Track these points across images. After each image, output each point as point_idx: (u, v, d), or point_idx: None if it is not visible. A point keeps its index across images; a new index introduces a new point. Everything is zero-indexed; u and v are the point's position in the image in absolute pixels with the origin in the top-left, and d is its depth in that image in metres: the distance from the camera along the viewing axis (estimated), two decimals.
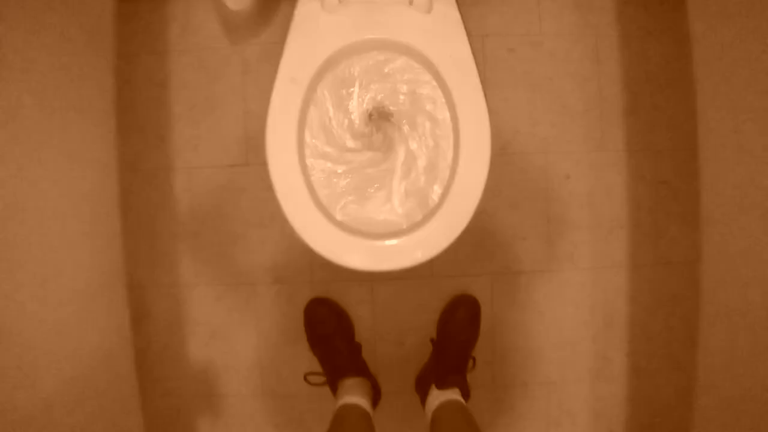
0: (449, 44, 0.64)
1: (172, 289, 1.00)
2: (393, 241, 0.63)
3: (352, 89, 0.70)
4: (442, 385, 0.85)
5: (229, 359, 1.01)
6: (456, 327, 0.94)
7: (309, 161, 0.68)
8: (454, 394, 0.83)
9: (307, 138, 0.69)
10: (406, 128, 0.71)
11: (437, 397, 0.84)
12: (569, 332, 1.02)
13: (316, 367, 0.96)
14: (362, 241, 0.63)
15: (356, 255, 0.62)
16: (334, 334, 0.92)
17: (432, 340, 0.95)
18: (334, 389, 0.90)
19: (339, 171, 0.70)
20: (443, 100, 0.66)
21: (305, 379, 0.92)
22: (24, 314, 0.52)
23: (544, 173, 1.01)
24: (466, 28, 0.64)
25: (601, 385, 1.04)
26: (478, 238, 1.01)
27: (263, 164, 0.96)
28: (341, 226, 0.63)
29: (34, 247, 0.54)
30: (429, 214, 0.64)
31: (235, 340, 1.01)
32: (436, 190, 0.69)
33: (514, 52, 1.00)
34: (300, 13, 0.65)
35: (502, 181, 1.01)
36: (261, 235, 1.00)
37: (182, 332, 1.01)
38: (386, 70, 0.70)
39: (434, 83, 0.67)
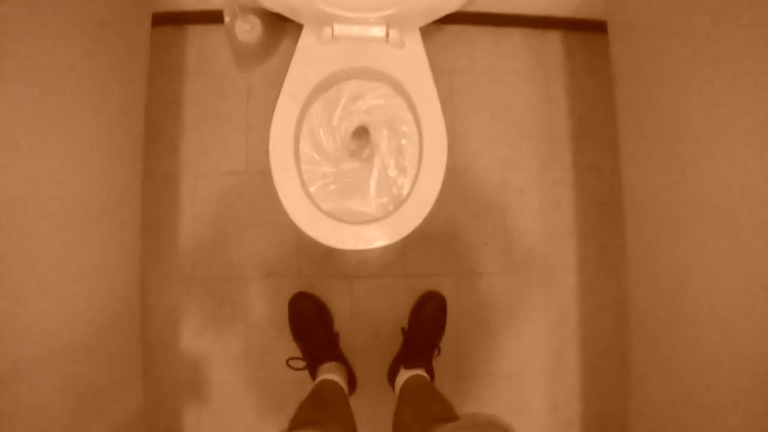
0: (416, 73, 0.81)
1: (170, 281, 1.11)
2: (367, 227, 0.77)
3: (339, 106, 0.86)
4: (409, 365, 0.97)
5: (218, 349, 1.10)
6: (424, 319, 1.06)
7: (303, 165, 0.83)
8: (420, 371, 0.95)
9: (302, 145, 0.84)
10: (381, 140, 0.87)
11: (404, 375, 0.95)
12: (526, 329, 1.15)
13: (298, 355, 1.06)
14: (344, 226, 0.77)
15: (338, 236, 0.76)
16: (315, 324, 1.04)
17: (402, 330, 1.07)
18: (314, 374, 1.00)
19: (326, 172, 0.85)
20: (411, 116, 0.83)
21: (287, 363, 1.03)
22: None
23: (502, 187, 1.17)
24: (438, 67, 0.80)
25: (557, 379, 1.15)
26: (445, 243, 1.15)
27: (260, 172, 1.12)
28: (327, 214, 0.78)
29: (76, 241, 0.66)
30: (396, 207, 0.79)
31: (225, 331, 1.11)
32: (404, 189, 0.83)
33: (477, 85, 1.18)
34: (301, 45, 0.82)
35: (467, 193, 1.16)
36: (254, 234, 1.12)
37: (176, 322, 1.11)
38: (367, 93, 0.86)
39: (404, 104, 0.83)
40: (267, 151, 0.79)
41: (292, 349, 1.08)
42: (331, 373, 0.95)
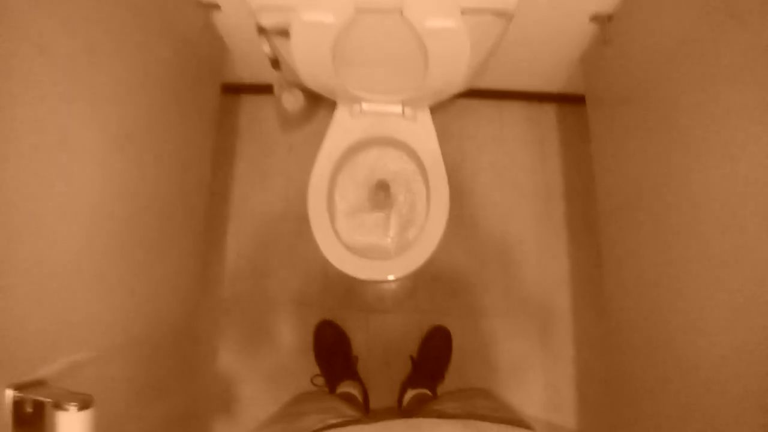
0: (426, 142, 1.01)
1: (215, 308, 1.29)
2: (383, 263, 0.95)
3: (365, 166, 1.07)
4: (415, 386, 1.10)
5: (250, 370, 1.26)
6: (432, 349, 1.20)
7: (333, 205, 1.03)
8: (425, 390, 1.08)
9: (335, 196, 1.04)
10: (398, 194, 1.06)
11: (410, 393, 1.08)
12: (524, 366, 1.27)
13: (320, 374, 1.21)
14: (365, 261, 0.94)
15: (360, 269, 0.94)
16: (335, 347, 1.19)
17: (411, 358, 1.21)
18: (333, 392, 1.15)
19: (353, 218, 1.04)
20: (421, 177, 1.02)
21: (311, 381, 1.17)
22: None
23: (504, 238, 1.33)
24: (449, 132, 0.98)
25: (552, 415, 1.25)
26: (452, 285, 1.30)
27: (296, 218, 1.32)
28: (352, 251, 0.96)
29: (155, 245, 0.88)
30: (407, 247, 0.96)
31: (257, 354, 1.27)
32: (414, 233, 1.01)
33: (482, 148, 1.38)
34: (336, 117, 1.05)
35: (472, 242, 1.33)
36: (287, 271, 1.31)
37: (216, 343, 1.28)
38: (387, 156, 1.07)
39: (416, 167, 1.03)
40: (304, 200, 0.99)
41: (315, 370, 1.22)
42: (349, 389, 1.09)
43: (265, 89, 1.29)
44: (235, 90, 1.39)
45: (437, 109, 1.08)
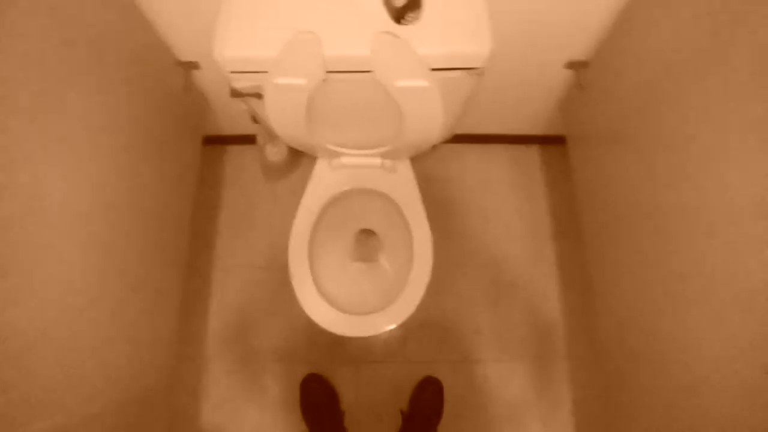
0: (406, 192, 1.01)
1: (196, 361, 1.25)
2: (369, 316, 0.92)
3: (346, 218, 1.06)
4: None
5: (235, 425, 1.21)
6: (423, 403, 1.16)
7: (315, 261, 1.01)
8: None
9: (318, 247, 1.02)
10: (381, 244, 1.04)
11: None
12: (521, 414, 1.22)
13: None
14: (350, 317, 0.92)
15: (346, 326, 0.91)
16: (322, 403, 1.15)
17: (402, 412, 1.16)
18: None
19: (338, 270, 1.02)
20: (403, 225, 1.01)
21: None
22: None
23: (494, 281, 1.31)
24: (433, 176, 0.97)
25: None
26: (442, 332, 1.27)
27: (280, 269, 1.30)
28: (336, 307, 0.93)
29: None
30: (392, 298, 0.94)
31: (241, 408, 1.22)
32: (399, 282, 0.99)
33: (468, 192, 1.38)
34: (316, 170, 1.04)
35: (461, 287, 1.30)
36: (272, 322, 1.28)
37: (198, 398, 1.23)
38: (368, 207, 1.06)
39: (397, 216, 1.02)
40: (287, 252, 0.97)
41: (302, 426, 1.17)
42: None
43: (249, 139, 1.30)
44: (219, 141, 1.40)
45: (420, 155, 1.08)
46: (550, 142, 1.39)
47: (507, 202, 1.37)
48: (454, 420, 1.20)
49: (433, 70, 0.74)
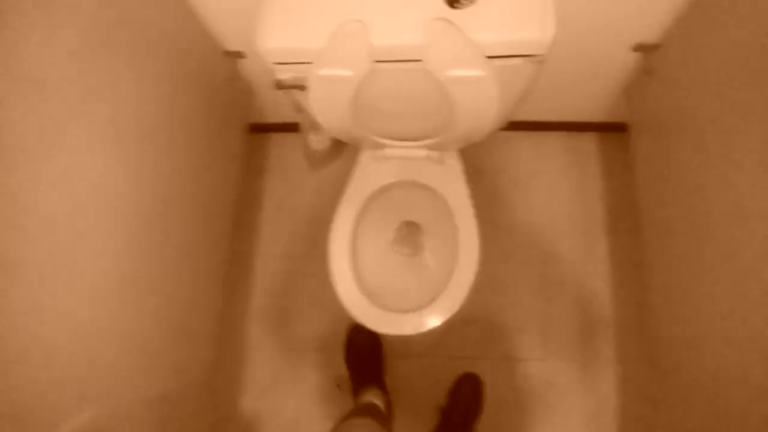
0: (454, 185, 0.96)
1: (236, 347, 1.28)
2: (411, 314, 0.90)
3: (391, 210, 1.03)
4: None
5: (272, 412, 1.23)
6: (461, 399, 1.13)
7: (356, 255, 0.99)
8: None
9: (359, 239, 1.00)
10: (425, 238, 1.01)
11: None
12: (563, 417, 1.17)
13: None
14: (390, 314, 0.90)
15: (385, 323, 0.89)
16: (368, 351, 1.16)
17: (440, 408, 1.14)
18: (357, 395, 1.11)
19: (380, 264, 1.00)
20: (449, 220, 0.97)
21: (337, 385, 1.16)
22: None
23: (541, 279, 1.25)
24: (482, 167, 0.92)
25: None
26: (484, 328, 1.23)
27: (320, 257, 1.28)
28: (377, 304, 0.91)
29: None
30: (436, 296, 0.91)
31: (281, 396, 1.24)
32: (443, 278, 0.95)
33: (517, 183, 1.31)
34: (360, 161, 1.01)
35: (506, 283, 1.25)
36: (312, 311, 1.28)
37: (239, 385, 1.26)
38: (413, 199, 1.02)
39: (444, 209, 0.98)
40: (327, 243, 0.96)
41: (335, 416, 1.17)
42: (374, 399, 1.05)
43: (293, 127, 1.28)
44: (264, 129, 1.39)
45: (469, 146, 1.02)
46: (610, 130, 1.29)
47: (558, 193, 1.29)
48: (492, 418, 1.17)
49: (489, 57, 0.68)
